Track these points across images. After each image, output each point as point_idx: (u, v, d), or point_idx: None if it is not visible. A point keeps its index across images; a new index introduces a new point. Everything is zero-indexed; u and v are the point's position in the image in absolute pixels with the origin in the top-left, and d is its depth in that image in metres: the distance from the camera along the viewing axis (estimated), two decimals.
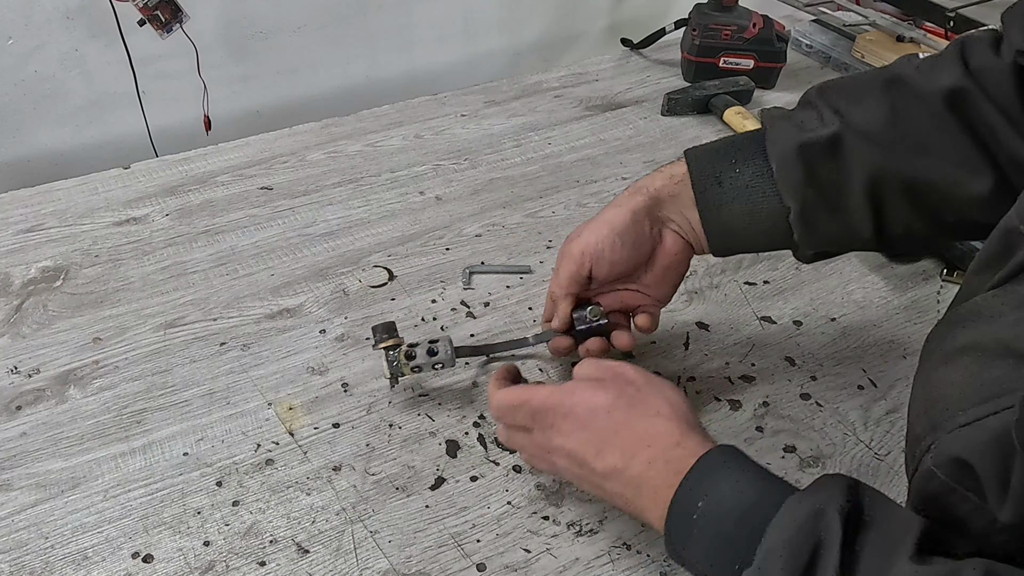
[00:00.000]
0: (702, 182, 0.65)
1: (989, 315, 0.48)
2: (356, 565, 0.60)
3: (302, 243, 0.91)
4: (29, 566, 0.59)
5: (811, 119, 0.64)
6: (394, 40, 1.51)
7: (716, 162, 0.65)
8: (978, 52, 0.60)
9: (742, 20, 1.21)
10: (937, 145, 0.60)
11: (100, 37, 1.21)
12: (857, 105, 0.63)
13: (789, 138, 0.63)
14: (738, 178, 0.64)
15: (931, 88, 0.60)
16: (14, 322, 0.79)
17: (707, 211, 0.65)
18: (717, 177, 0.64)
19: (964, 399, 0.46)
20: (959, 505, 0.45)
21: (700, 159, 0.66)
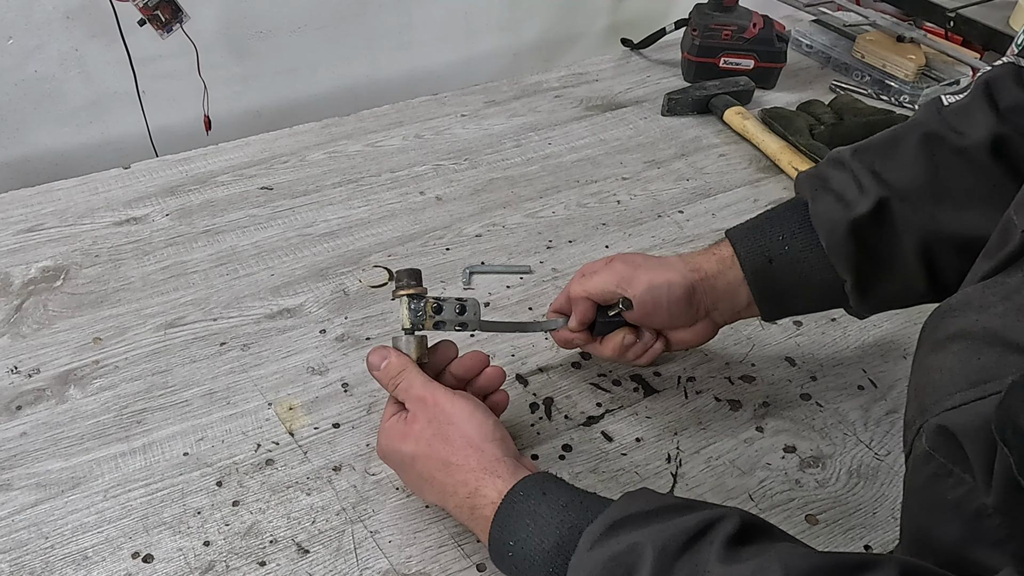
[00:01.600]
0: (751, 262, 0.66)
1: (979, 305, 0.49)
2: (356, 565, 0.60)
3: (302, 243, 0.91)
4: (29, 566, 0.59)
5: (849, 186, 0.64)
6: (394, 40, 1.51)
7: (764, 240, 0.67)
8: (1005, 91, 0.60)
9: (742, 20, 1.21)
10: (984, 196, 0.60)
11: (100, 37, 1.21)
12: (896, 167, 0.63)
13: (835, 213, 0.63)
14: (788, 254, 0.65)
15: (970, 142, 0.61)
16: (14, 322, 0.79)
17: (760, 291, 0.67)
18: (766, 256, 0.66)
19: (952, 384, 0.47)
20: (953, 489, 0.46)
21: (747, 240, 0.67)
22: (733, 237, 0.68)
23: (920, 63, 1.22)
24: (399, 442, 0.59)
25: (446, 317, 0.65)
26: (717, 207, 1.00)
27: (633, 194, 1.01)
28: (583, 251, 0.92)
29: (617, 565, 0.47)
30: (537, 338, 0.80)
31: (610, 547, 0.48)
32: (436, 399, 0.59)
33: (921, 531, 0.48)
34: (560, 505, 0.52)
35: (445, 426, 0.58)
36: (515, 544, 0.52)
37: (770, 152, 1.08)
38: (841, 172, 0.66)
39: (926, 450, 0.48)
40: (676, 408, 0.74)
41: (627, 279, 0.68)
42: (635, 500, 0.51)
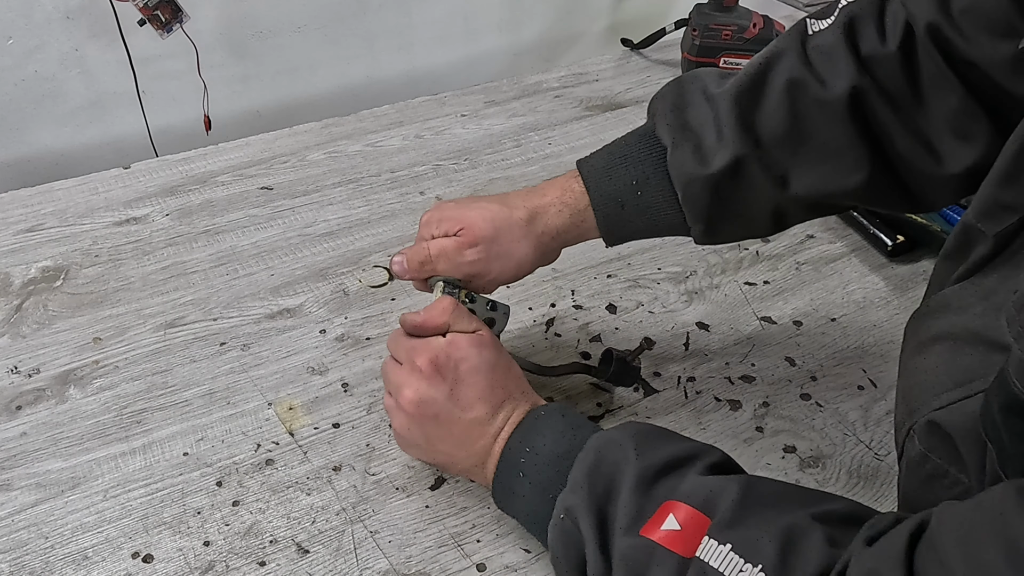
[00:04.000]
0: (604, 210, 0.66)
1: (958, 306, 0.50)
2: (356, 565, 0.60)
3: (302, 243, 0.91)
4: (29, 566, 0.59)
5: (709, 132, 0.63)
6: (394, 40, 1.50)
7: (617, 184, 0.65)
8: (867, 36, 0.60)
9: (742, 20, 1.21)
10: (837, 152, 0.61)
11: (100, 37, 1.21)
12: (759, 112, 0.62)
13: (692, 167, 0.63)
14: (640, 200, 0.65)
15: (830, 94, 0.60)
16: (14, 322, 0.79)
17: (609, 232, 0.67)
18: (619, 202, 0.66)
19: (938, 384, 0.48)
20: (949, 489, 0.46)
21: (600, 185, 0.66)
22: (588, 180, 0.66)
23: None
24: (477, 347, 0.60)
25: (476, 308, 0.66)
26: None
27: None
28: (583, 251, 0.91)
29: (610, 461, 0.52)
30: (537, 338, 0.80)
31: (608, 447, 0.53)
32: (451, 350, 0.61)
33: None
34: (575, 424, 0.58)
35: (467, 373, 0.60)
36: (531, 451, 0.57)
37: None
38: (703, 109, 0.64)
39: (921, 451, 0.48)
40: (676, 408, 0.74)
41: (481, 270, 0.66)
42: (638, 425, 0.57)
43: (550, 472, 0.55)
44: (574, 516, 0.52)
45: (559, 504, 0.53)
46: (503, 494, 0.58)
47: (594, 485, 0.52)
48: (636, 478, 0.50)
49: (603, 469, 0.52)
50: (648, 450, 0.52)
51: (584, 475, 0.53)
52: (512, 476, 0.57)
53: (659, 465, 0.51)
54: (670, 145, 0.64)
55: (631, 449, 0.52)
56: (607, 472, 0.52)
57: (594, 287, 0.87)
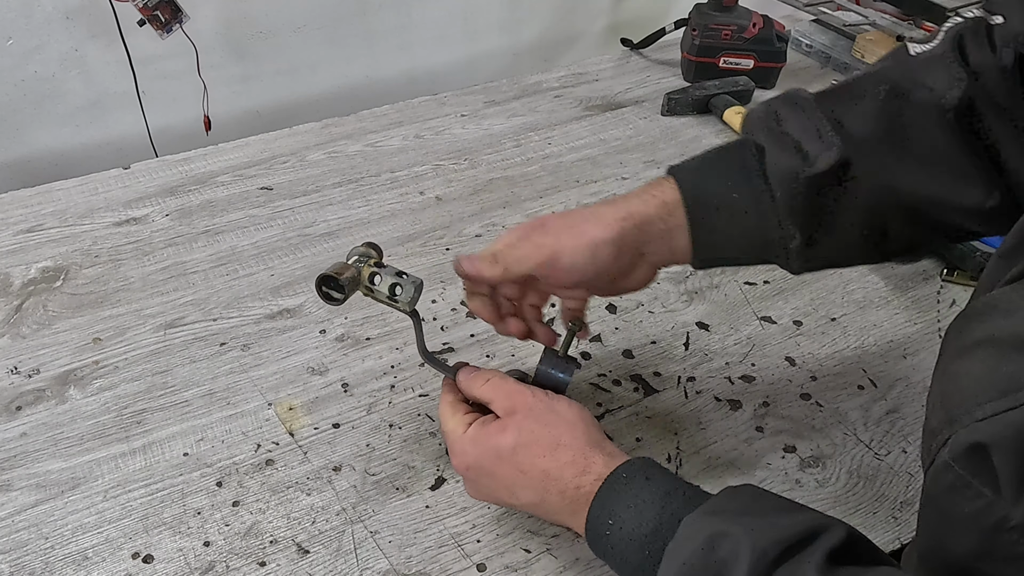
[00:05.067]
0: (697, 210, 0.61)
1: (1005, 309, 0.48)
2: (356, 565, 0.60)
3: (302, 243, 0.91)
4: (29, 566, 0.59)
5: (809, 134, 0.60)
6: (394, 40, 1.50)
7: (711, 186, 0.62)
8: (975, 49, 0.58)
9: (742, 20, 1.21)
10: (944, 161, 0.58)
11: (100, 37, 1.21)
12: (859, 117, 0.60)
13: (794, 166, 0.59)
14: (736, 203, 0.61)
15: (939, 100, 0.58)
16: (14, 322, 0.79)
17: (700, 239, 0.62)
18: (714, 205, 0.61)
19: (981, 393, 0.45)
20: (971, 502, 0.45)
21: (694, 184, 0.62)
22: (679, 177, 0.62)
23: None
24: (496, 436, 0.57)
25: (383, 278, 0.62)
26: None
27: None
28: None
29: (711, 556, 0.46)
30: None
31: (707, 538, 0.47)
32: (534, 392, 0.59)
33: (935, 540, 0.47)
34: (662, 492, 0.52)
35: (548, 414, 0.57)
36: (614, 524, 0.52)
37: None
38: (799, 116, 0.61)
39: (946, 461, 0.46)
40: (676, 408, 0.74)
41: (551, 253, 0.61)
42: (738, 495, 0.51)
43: (639, 554, 0.51)
44: None
45: None
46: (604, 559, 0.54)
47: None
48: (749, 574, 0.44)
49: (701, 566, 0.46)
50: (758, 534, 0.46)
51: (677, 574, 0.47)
52: (605, 548, 0.53)
53: (774, 553, 0.44)
54: (768, 145, 0.61)
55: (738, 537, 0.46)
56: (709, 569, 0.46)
57: None
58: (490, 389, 0.59)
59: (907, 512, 0.66)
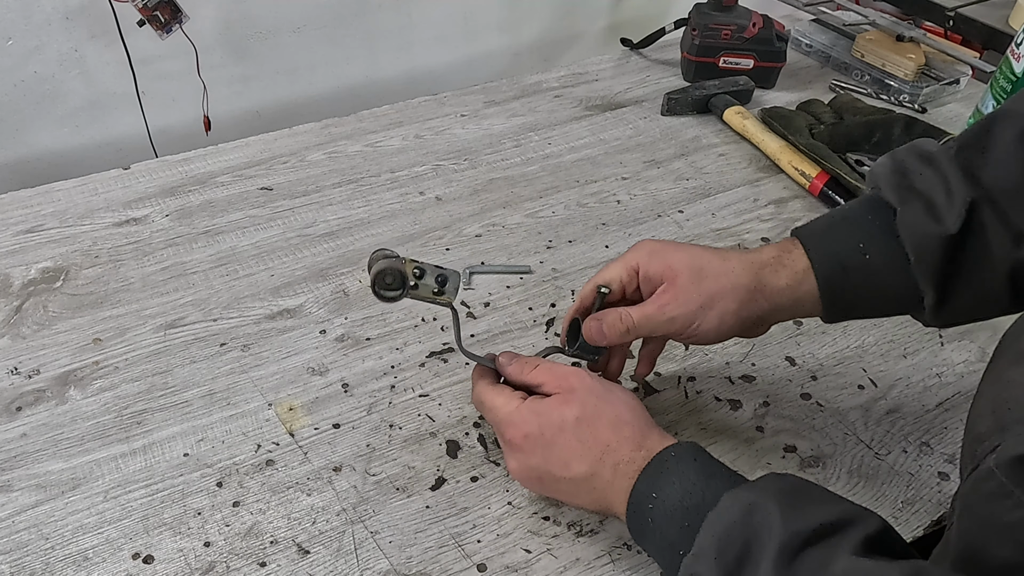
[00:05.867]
0: (829, 277, 0.61)
1: None
2: (357, 566, 0.60)
3: (302, 243, 0.91)
4: (30, 567, 0.59)
5: (937, 189, 0.58)
6: (394, 40, 1.50)
7: (842, 249, 0.61)
8: None
9: (742, 20, 1.21)
10: None
11: (100, 37, 1.21)
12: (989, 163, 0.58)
13: (926, 225, 0.58)
14: (868, 265, 0.60)
15: None
16: (14, 323, 0.79)
17: (831, 303, 0.62)
18: (843, 264, 0.61)
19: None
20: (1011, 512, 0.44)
21: (824, 249, 0.61)
22: (807, 242, 0.62)
23: (920, 62, 1.22)
24: (560, 408, 0.58)
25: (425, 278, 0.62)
26: (717, 207, 1.00)
27: (633, 194, 1.01)
28: (583, 251, 0.92)
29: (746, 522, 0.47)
30: (537, 338, 0.80)
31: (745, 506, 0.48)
32: (591, 374, 0.60)
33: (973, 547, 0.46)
34: (708, 472, 0.53)
35: (607, 393, 0.59)
36: (657, 497, 0.53)
37: (770, 152, 1.08)
38: (927, 169, 0.60)
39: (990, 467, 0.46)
40: (676, 408, 0.74)
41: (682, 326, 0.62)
42: (781, 479, 0.52)
43: (678, 526, 0.51)
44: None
45: (683, 570, 0.49)
46: (638, 535, 0.56)
47: (724, 552, 0.47)
48: (779, 549, 0.45)
49: (737, 534, 0.47)
50: (793, 513, 0.47)
51: (714, 540, 0.48)
52: (643, 521, 0.54)
53: (807, 533, 0.45)
54: (899, 204, 0.59)
55: (774, 512, 0.47)
56: (743, 538, 0.47)
57: None
58: (543, 372, 0.61)
59: (907, 512, 0.66)
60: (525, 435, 0.59)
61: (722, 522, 0.49)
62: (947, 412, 0.75)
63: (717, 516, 0.49)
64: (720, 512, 0.49)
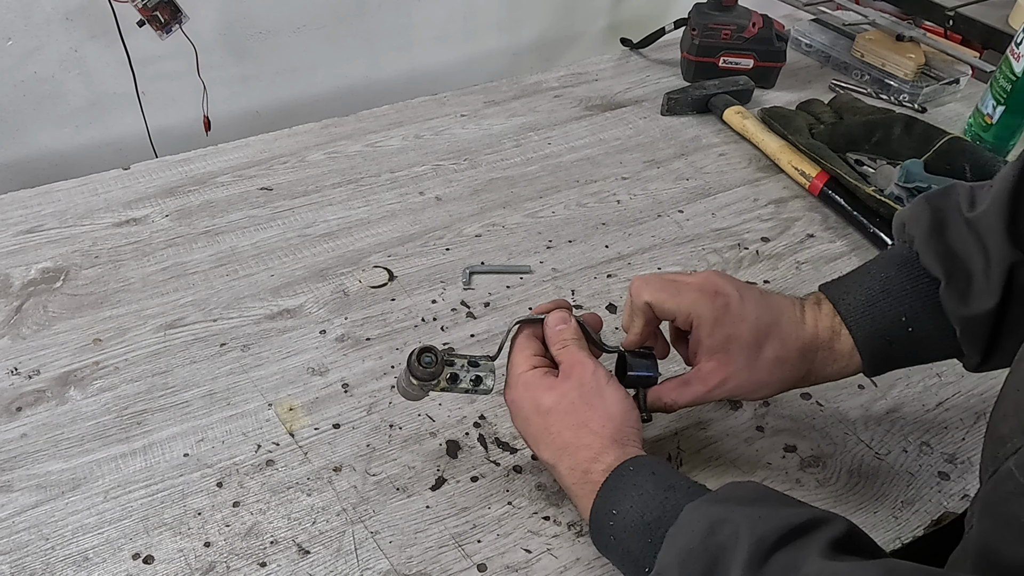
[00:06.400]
0: (870, 348, 0.61)
1: None
2: (357, 566, 0.60)
3: (302, 244, 0.91)
4: (30, 567, 0.59)
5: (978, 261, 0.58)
6: (394, 40, 1.50)
7: (883, 323, 0.61)
8: None
9: (741, 20, 1.21)
10: None
11: (99, 38, 1.21)
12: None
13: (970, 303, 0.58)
14: (911, 336, 0.61)
15: None
16: (14, 323, 0.79)
17: (877, 370, 0.63)
18: (887, 339, 0.61)
19: None
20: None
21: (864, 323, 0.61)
22: (849, 318, 0.61)
23: (920, 62, 1.22)
24: (542, 392, 0.60)
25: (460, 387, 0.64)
26: (717, 206, 1.00)
27: (633, 194, 1.01)
28: (583, 251, 0.92)
29: (711, 540, 0.47)
30: None
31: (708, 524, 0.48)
32: (597, 373, 0.60)
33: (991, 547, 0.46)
34: (667, 485, 0.53)
35: (594, 396, 0.59)
36: (617, 514, 0.53)
37: (770, 151, 1.08)
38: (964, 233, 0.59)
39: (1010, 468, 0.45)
40: None
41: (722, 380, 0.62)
42: (741, 487, 0.52)
43: (640, 542, 0.51)
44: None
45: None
46: (602, 549, 0.56)
47: (688, 568, 0.47)
48: (748, 556, 0.44)
49: (700, 548, 0.47)
50: (758, 520, 0.46)
51: (677, 556, 0.48)
52: (606, 539, 0.54)
53: (774, 538, 0.45)
54: (943, 277, 0.59)
55: (739, 521, 0.47)
56: (708, 551, 0.47)
57: (594, 287, 0.87)
58: (564, 353, 0.62)
59: (907, 512, 0.66)
60: (511, 400, 0.62)
61: (684, 537, 0.49)
62: (947, 412, 0.75)
63: (679, 531, 0.49)
64: (681, 526, 0.49)
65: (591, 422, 0.58)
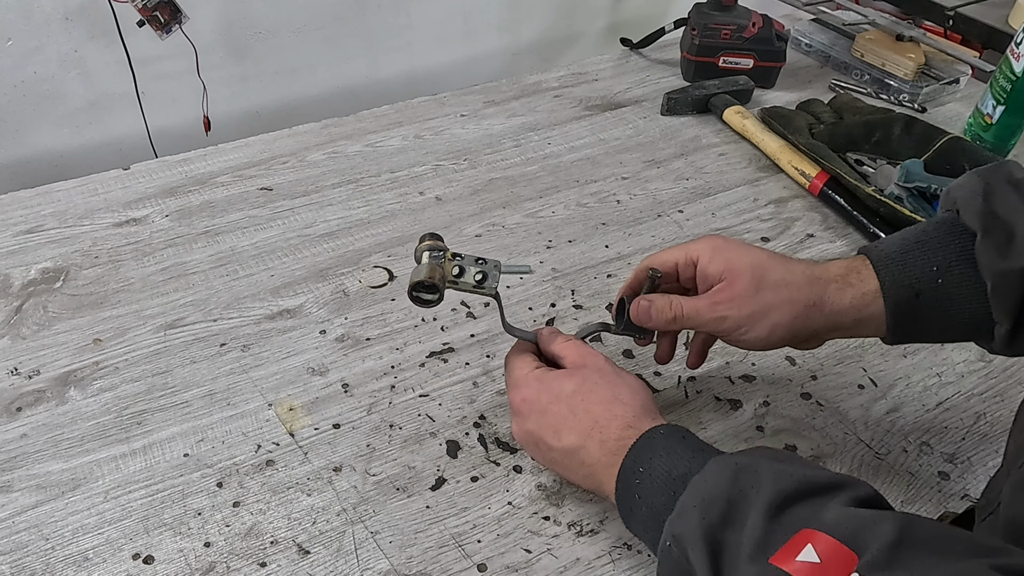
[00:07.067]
0: (896, 296, 0.59)
1: None
2: (357, 566, 0.60)
3: (302, 244, 0.91)
4: (30, 568, 0.59)
5: (1018, 216, 0.57)
6: (394, 40, 1.50)
7: (914, 270, 0.59)
8: None
9: (741, 19, 1.21)
10: None
11: (99, 38, 1.21)
12: None
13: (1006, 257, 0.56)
14: (940, 289, 0.58)
15: None
16: (14, 323, 0.79)
17: (898, 327, 0.60)
18: (915, 289, 0.58)
19: None
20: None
21: (895, 272, 0.59)
22: (878, 263, 0.60)
23: (919, 62, 1.22)
24: (559, 381, 0.61)
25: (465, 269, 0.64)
26: (717, 206, 1.00)
27: (633, 194, 1.01)
28: (583, 251, 0.92)
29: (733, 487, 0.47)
30: None
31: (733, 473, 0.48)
32: (608, 360, 0.62)
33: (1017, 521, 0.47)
34: (697, 447, 0.54)
35: (615, 376, 0.61)
36: (644, 471, 0.53)
37: (770, 151, 1.08)
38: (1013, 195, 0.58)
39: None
40: (676, 408, 0.74)
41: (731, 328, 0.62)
42: (770, 449, 0.52)
43: (664, 495, 0.51)
44: (682, 545, 0.47)
45: (666, 530, 0.49)
46: (626, 515, 0.55)
47: (708, 510, 0.47)
48: (768, 502, 0.45)
49: (723, 492, 0.47)
50: (783, 474, 0.47)
51: (698, 499, 0.48)
52: (630, 497, 0.54)
53: (793, 490, 0.45)
54: (980, 231, 0.57)
55: (764, 472, 0.47)
56: (728, 496, 0.47)
57: (594, 287, 0.87)
58: (567, 346, 0.64)
59: (907, 511, 0.66)
60: (523, 399, 0.62)
61: (707, 484, 0.49)
62: (947, 412, 0.75)
63: (703, 478, 0.49)
64: (706, 474, 0.49)
65: (621, 395, 0.59)
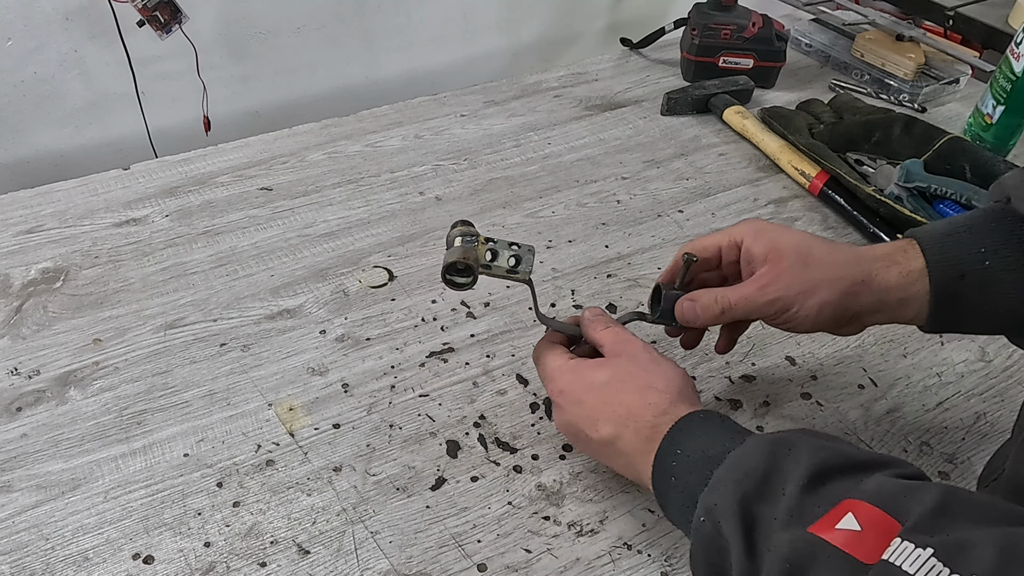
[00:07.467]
0: (941, 276, 0.58)
1: None
2: (357, 566, 0.60)
3: (302, 244, 0.91)
4: (30, 568, 0.59)
5: None
6: (393, 40, 1.51)
7: (960, 251, 0.58)
8: None
9: (741, 19, 1.21)
10: None
11: (99, 38, 1.21)
12: None
13: None
14: (986, 271, 0.57)
15: None
16: (14, 323, 0.79)
17: (940, 310, 0.60)
18: (960, 270, 0.58)
19: None
20: None
21: (940, 248, 0.59)
22: (925, 243, 0.60)
23: (919, 62, 1.22)
24: (593, 370, 0.60)
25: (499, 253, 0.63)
26: (717, 206, 1.00)
27: (633, 194, 1.01)
28: (583, 251, 0.92)
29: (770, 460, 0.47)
30: (537, 338, 0.80)
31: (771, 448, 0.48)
32: (647, 347, 0.61)
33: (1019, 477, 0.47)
34: (735, 430, 0.53)
35: (651, 364, 0.59)
36: (681, 453, 0.53)
37: (770, 151, 1.08)
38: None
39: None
40: None
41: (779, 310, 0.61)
42: (811, 430, 0.52)
43: (699, 474, 0.50)
44: (714, 517, 0.47)
45: (700, 505, 0.48)
46: (663, 501, 0.54)
47: (743, 482, 0.46)
48: (807, 474, 0.44)
49: (758, 465, 0.47)
50: (824, 449, 0.46)
51: (732, 473, 0.47)
52: (666, 481, 0.53)
53: (834, 463, 0.45)
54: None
55: (803, 447, 0.46)
56: (765, 469, 0.46)
57: (594, 287, 0.87)
58: (605, 334, 0.62)
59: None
60: (560, 390, 0.61)
61: (744, 458, 0.48)
62: (947, 412, 0.75)
63: (739, 454, 0.49)
64: (743, 449, 0.49)
65: (656, 382, 0.58)
